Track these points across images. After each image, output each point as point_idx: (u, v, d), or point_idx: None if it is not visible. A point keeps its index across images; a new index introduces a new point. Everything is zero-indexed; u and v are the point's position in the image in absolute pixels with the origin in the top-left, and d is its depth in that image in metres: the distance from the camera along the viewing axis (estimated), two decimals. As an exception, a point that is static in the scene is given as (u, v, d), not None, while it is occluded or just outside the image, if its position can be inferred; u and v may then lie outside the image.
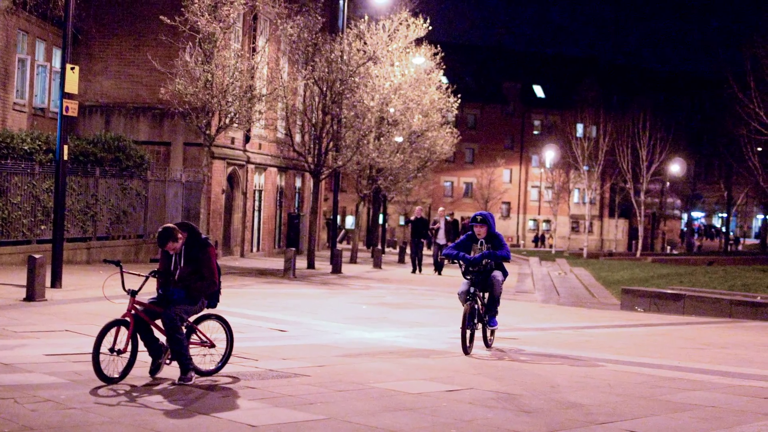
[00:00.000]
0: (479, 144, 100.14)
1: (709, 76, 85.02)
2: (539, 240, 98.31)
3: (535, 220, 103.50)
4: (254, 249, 42.17)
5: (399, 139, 42.34)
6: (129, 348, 10.40)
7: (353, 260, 40.73)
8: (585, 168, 76.59)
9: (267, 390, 10.42)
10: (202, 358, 11.02)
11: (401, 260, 45.07)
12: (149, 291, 11.05)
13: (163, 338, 10.67)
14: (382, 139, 39.49)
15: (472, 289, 13.90)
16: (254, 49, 35.33)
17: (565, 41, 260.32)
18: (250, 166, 40.42)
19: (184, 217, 33.50)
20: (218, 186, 36.82)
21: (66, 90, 21.18)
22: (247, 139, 39.40)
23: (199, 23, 29.14)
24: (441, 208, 39.01)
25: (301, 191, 48.78)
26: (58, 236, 21.30)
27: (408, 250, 42.35)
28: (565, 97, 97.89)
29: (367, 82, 34.90)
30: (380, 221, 57.38)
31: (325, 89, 33.37)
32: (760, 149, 63.20)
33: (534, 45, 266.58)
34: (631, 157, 74.66)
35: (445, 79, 49.54)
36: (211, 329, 11.16)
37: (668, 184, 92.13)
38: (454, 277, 28.88)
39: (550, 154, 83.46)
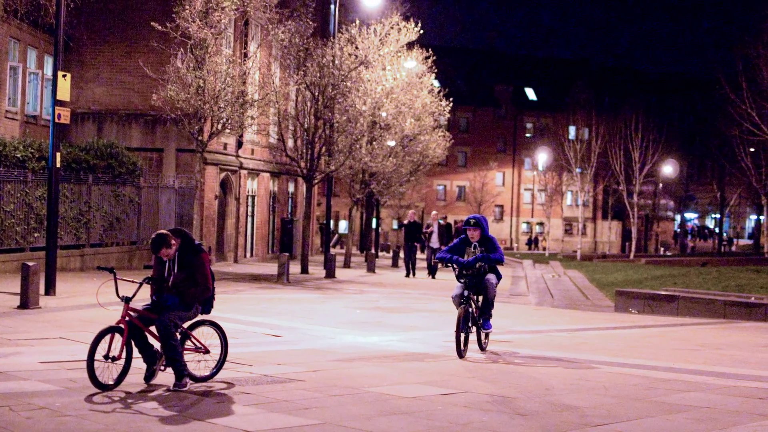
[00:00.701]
0: (472, 147, 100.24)
1: (701, 77, 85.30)
2: (533, 242, 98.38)
3: (528, 222, 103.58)
4: (248, 254, 42.16)
5: (391, 143, 42.36)
6: (123, 355, 10.38)
7: (347, 265, 40.73)
8: (578, 170, 76.68)
9: (262, 395, 10.41)
10: (196, 364, 11.00)
11: (395, 264, 45.08)
12: (143, 297, 11.04)
13: (157, 345, 10.65)
14: (374, 143, 39.51)
15: (466, 293, 13.89)
16: (246, 55, 35.33)
17: (557, 44, 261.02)
18: (243, 172, 40.41)
19: (178, 223, 33.47)
20: (211, 192, 36.80)
21: (58, 97, 21.17)
22: (239, 144, 39.40)
23: (190, 29, 29.15)
24: (434, 212, 39.04)
25: (294, 196, 48.77)
26: (51, 243, 21.28)
27: (401, 254, 42.34)
28: (557, 99, 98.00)
29: (359, 87, 34.91)
30: (373, 225, 57.39)
31: (317, 94, 33.37)
32: (752, 150, 63.38)
33: (525, 48, 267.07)
34: (624, 158, 74.70)
35: (436, 83, 49.60)
36: (205, 335, 11.15)
37: (661, 185, 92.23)
38: (448, 280, 28.90)
39: (542, 156, 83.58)
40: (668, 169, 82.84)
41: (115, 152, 31.44)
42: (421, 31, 38.19)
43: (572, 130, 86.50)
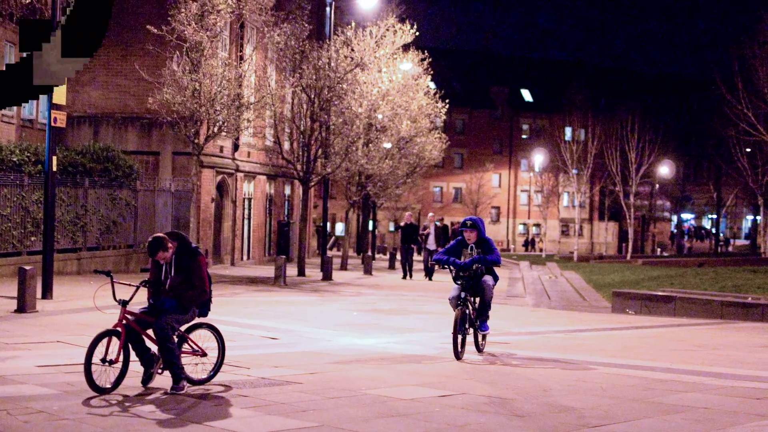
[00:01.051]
0: (468, 149, 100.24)
1: (697, 78, 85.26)
2: (529, 244, 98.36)
3: (525, 224, 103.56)
4: (244, 257, 42.13)
5: (387, 146, 42.37)
6: (121, 358, 10.39)
7: (344, 267, 40.70)
8: (574, 171, 76.65)
9: (259, 398, 10.41)
10: (194, 367, 11.00)
11: (392, 266, 45.03)
12: (140, 301, 11.03)
13: (154, 348, 10.65)
14: (370, 145, 39.49)
15: (463, 294, 13.89)
16: (241, 58, 35.31)
17: (553, 45, 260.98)
18: (239, 175, 40.38)
19: (174, 226, 33.45)
20: (207, 195, 36.77)
21: (54, 101, 21.16)
22: (235, 147, 39.36)
23: (186, 32, 29.14)
24: (431, 214, 39.04)
25: (290, 199, 48.75)
26: (48, 247, 21.26)
27: (398, 256, 42.33)
28: (553, 100, 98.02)
29: (354, 89, 34.91)
30: (370, 228, 57.36)
31: (313, 96, 33.35)
32: (748, 150, 63.49)
33: (521, 49, 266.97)
34: (620, 159, 74.78)
35: (432, 85, 49.62)
36: (202, 338, 11.15)
37: (657, 186, 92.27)
38: (445, 282, 28.87)
39: (539, 157, 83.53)
40: (665, 169, 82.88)
41: (111, 155, 31.42)
42: (417, 33, 38.23)
43: (568, 131, 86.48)
